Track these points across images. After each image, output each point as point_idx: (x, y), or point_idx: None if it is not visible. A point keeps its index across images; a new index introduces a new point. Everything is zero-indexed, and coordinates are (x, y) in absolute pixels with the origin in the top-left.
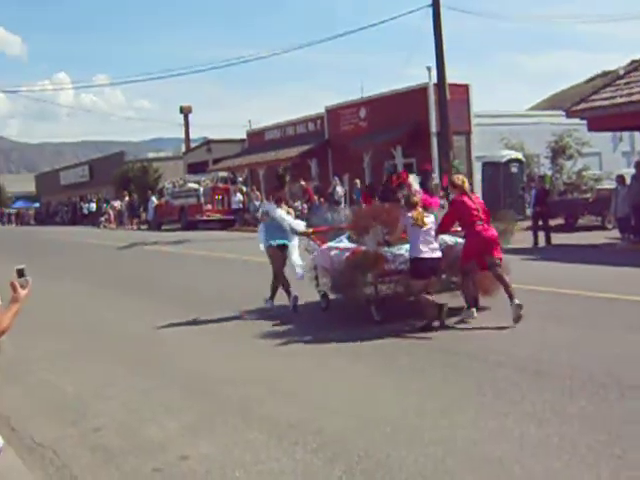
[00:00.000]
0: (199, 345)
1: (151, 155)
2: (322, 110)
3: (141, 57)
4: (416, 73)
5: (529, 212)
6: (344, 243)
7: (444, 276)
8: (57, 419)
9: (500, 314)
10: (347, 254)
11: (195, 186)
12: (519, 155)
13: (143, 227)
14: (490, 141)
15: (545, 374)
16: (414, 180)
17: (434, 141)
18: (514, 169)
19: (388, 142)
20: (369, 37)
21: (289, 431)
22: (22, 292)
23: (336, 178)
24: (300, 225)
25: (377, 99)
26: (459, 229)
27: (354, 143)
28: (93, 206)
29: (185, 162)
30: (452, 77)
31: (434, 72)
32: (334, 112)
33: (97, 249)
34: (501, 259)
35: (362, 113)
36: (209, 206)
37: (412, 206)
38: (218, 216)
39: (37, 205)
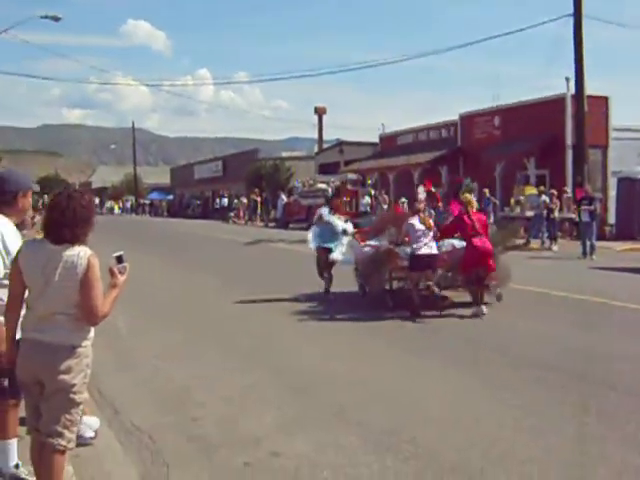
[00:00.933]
0: (315, 343)
1: (284, 154)
2: (455, 117)
3: (281, 57)
4: (554, 84)
5: None
6: (376, 242)
7: (450, 274)
8: (160, 406)
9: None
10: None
11: (324, 186)
12: None
13: (271, 224)
14: (628, 156)
15: None
16: (421, 192)
17: (569, 154)
18: None
19: (522, 153)
20: (506, 45)
21: (383, 437)
22: (121, 278)
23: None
24: (349, 227)
25: (512, 108)
26: None
27: (487, 152)
28: (225, 201)
29: (317, 162)
30: (592, 88)
31: (572, 83)
32: (468, 119)
33: (225, 243)
34: (493, 269)
35: (496, 122)
36: None
37: (416, 212)
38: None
39: (171, 197)
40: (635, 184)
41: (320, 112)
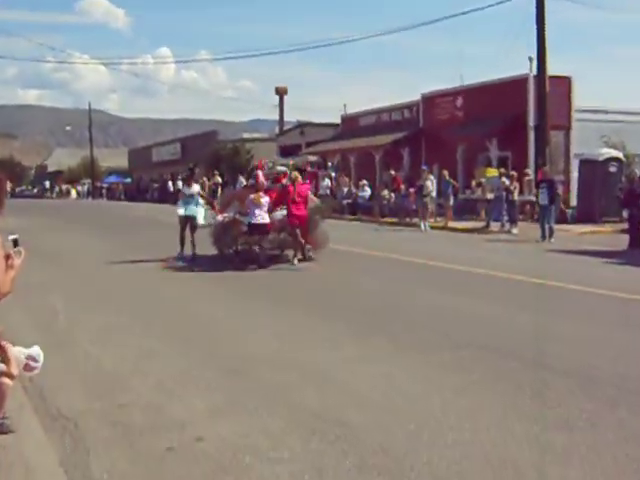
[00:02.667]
0: (246, 322)
1: (245, 136)
2: (418, 97)
3: (247, 36)
4: (518, 63)
5: (625, 214)
6: (229, 214)
7: (281, 236)
8: (87, 392)
9: None
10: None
11: (283, 169)
12: (619, 154)
13: None
14: (590, 138)
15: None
16: (261, 174)
17: (531, 135)
18: (612, 168)
19: (484, 134)
20: (469, 24)
21: (310, 420)
22: (17, 261)
23: (425, 168)
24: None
25: (475, 89)
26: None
27: (448, 133)
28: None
29: (278, 144)
30: (557, 70)
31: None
32: (430, 100)
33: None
34: (305, 228)
35: (459, 102)
36: None
37: (255, 190)
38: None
39: (129, 180)
40: (596, 166)
41: (281, 92)
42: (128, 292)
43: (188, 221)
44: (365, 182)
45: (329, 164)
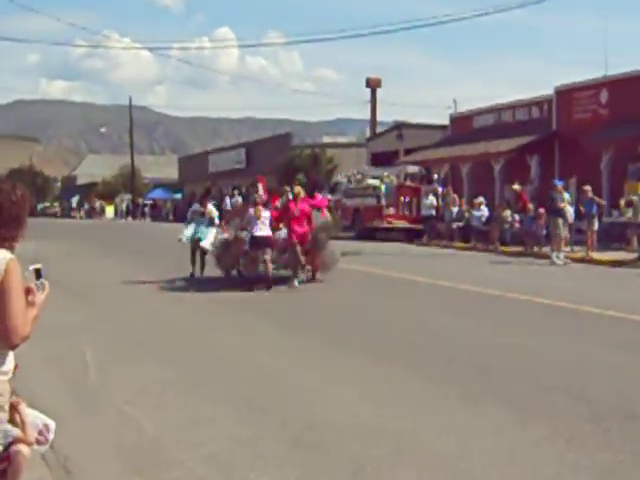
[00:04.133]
0: (333, 388)
1: (326, 139)
2: (550, 91)
3: (328, 13)
4: None
5: None
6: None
7: (286, 255)
8: (124, 464)
9: None
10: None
11: (375, 183)
12: None
13: None
14: None
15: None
16: (261, 188)
17: None
18: None
19: (636, 138)
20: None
21: None
22: (39, 296)
23: (559, 182)
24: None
25: (624, 80)
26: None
27: (590, 137)
28: (240, 200)
29: (369, 151)
30: None
31: None
32: (566, 94)
33: None
34: (308, 247)
35: (603, 97)
36: (392, 210)
37: (255, 204)
38: (403, 224)
39: (179, 196)
40: None
41: (373, 85)
42: (171, 336)
43: (197, 242)
44: (481, 200)
45: (434, 176)
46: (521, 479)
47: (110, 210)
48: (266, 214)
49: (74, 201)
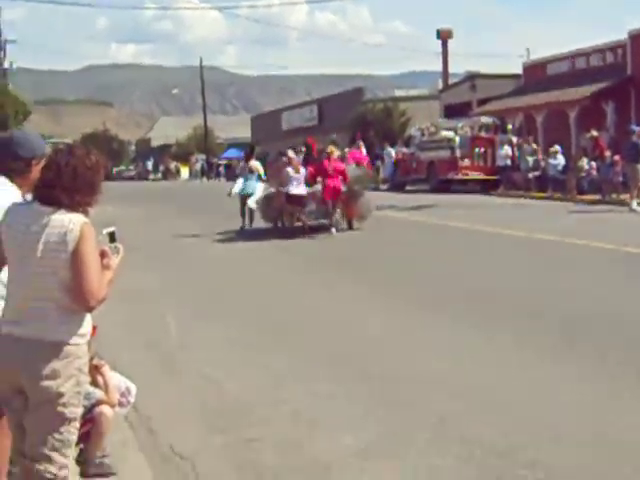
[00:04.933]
0: (420, 340)
1: (398, 93)
2: (624, 36)
3: None
4: None
5: None
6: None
7: (317, 207)
8: (207, 425)
9: None
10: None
11: (449, 135)
12: None
13: (383, 187)
14: None
15: None
16: (291, 153)
17: None
18: None
19: None
20: None
21: (493, 460)
22: (114, 259)
23: (636, 127)
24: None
25: None
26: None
27: None
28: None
29: (441, 103)
30: None
31: None
32: None
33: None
34: (343, 199)
35: None
36: (466, 161)
37: (289, 164)
38: (478, 175)
39: None
40: None
41: (444, 36)
42: (251, 292)
43: (246, 197)
44: (557, 148)
45: (509, 126)
46: (610, 430)
47: (185, 171)
48: (302, 172)
49: (149, 164)
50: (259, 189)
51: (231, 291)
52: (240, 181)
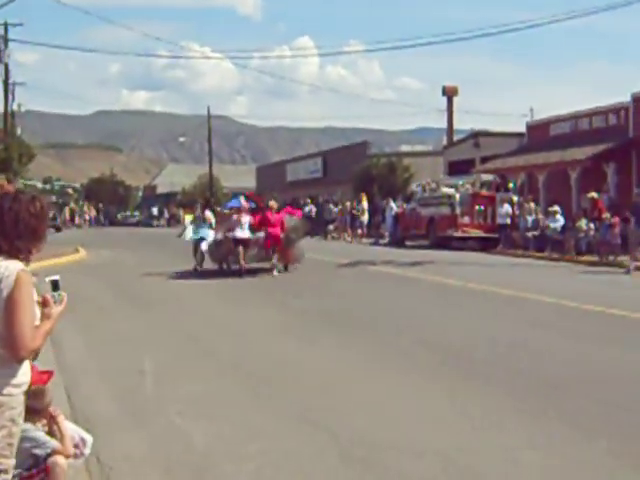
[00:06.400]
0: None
1: (404, 148)
2: (627, 98)
3: (404, 21)
4: None
5: None
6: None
7: (262, 252)
8: (168, 478)
9: None
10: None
11: (450, 191)
12: None
13: (383, 241)
14: None
15: None
16: (244, 200)
17: None
18: None
19: None
20: None
21: None
22: (55, 308)
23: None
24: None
25: None
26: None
27: None
28: (312, 210)
29: (445, 159)
30: None
31: None
32: None
33: (316, 266)
34: (280, 247)
35: None
36: (466, 219)
37: (238, 212)
38: (477, 232)
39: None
40: None
41: (450, 93)
42: (231, 344)
43: (199, 242)
44: (557, 209)
45: (511, 184)
46: None
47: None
48: (246, 219)
49: (154, 210)
50: (210, 235)
51: (205, 333)
52: (191, 228)
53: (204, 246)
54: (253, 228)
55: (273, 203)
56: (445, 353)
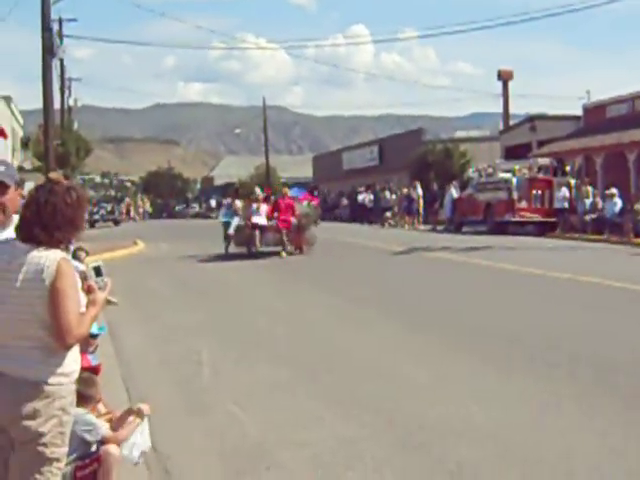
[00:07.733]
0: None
1: (459, 134)
2: None
3: (457, 7)
4: None
5: None
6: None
7: (272, 235)
8: (224, 466)
9: None
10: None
11: (507, 176)
12: None
13: (440, 227)
14: None
15: None
16: (259, 192)
17: None
18: None
19: None
20: None
21: None
22: (100, 294)
23: None
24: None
25: None
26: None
27: None
28: (365, 198)
29: (502, 144)
30: None
31: None
32: None
33: (370, 253)
34: (289, 229)
35: None
36: (523, 203)
37: (255, 201)
38: (535, 217)
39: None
40: None
41: (505, 77)
42: (291, 333)
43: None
44: (614, 191)
45: (568, 168)
46: None
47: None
48: (263, 207)
49: (212, 202)
50: (235, 221)
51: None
52: (225, 215)
53: (231, 230)
54: (269, 217)
55: (286, 190)
56: (503, 339)
